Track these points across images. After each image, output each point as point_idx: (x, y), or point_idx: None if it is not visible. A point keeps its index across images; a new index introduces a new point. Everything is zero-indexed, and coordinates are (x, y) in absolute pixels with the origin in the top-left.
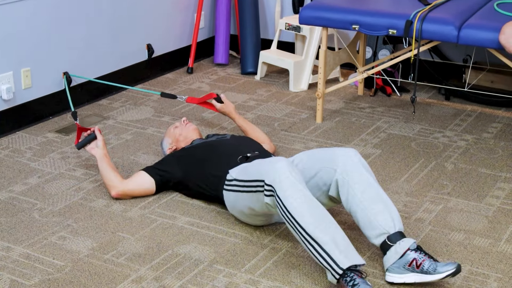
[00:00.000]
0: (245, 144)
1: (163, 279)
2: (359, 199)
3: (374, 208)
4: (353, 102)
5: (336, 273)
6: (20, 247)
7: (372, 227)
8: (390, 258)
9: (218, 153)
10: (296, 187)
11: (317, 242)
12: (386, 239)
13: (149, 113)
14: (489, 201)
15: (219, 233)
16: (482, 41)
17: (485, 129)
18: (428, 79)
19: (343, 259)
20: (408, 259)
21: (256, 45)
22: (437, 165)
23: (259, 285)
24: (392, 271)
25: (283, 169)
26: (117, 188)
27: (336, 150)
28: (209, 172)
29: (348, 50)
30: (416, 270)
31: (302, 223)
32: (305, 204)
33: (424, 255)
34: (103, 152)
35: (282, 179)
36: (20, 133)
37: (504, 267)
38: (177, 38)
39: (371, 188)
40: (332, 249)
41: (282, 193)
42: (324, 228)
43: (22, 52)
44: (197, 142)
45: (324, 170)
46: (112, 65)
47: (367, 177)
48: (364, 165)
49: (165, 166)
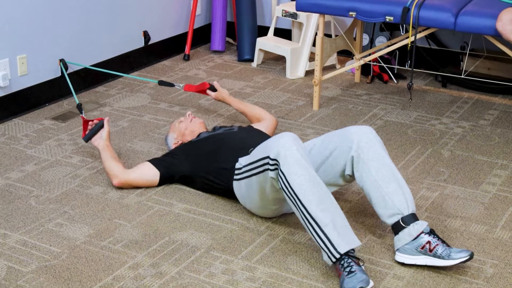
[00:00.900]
0: (253, 137)
1: (160, 266)
2: (374, 177)
3: (388, 187)
4: (350, 89)
5: (333, 256)
6: (17, 234)
7: (386, 206)
8: (402, 239)
9: (227, 146)
10: (301, 163)
11: (317, 222)
12: (399, 220)
13: (146, 100)
14: (486, 188)
15: (216, 220)
16: (479, 28)
17: (482, 116)
18: (425, 66)
19: (341, 242)
20: (421, 242)
21: (253, 32)
22: (434, 152)
23: (255, 271)
24: (403, 251)
25: (288, 143)
26: (118, 177)
27: (351, 128)
28: (219, 165)
29: (345, 37)
30: (429, 253)
31: (304, 201)
32: (309, 183)
33: (438, 239)
34: (106, 143)
35: (287, 154)
36: (16, 120)
37: (500, 253)
38: (174, 25)
39: (386, 167)
40: (331, 231)
41: (286, 168)
42: (325, 207)
43: (18, 39)
44: (205, 135)
45: (339, 149)
46: (108, 52)
47: (382, 155)
48: (380, 142)
49: (172, 159)
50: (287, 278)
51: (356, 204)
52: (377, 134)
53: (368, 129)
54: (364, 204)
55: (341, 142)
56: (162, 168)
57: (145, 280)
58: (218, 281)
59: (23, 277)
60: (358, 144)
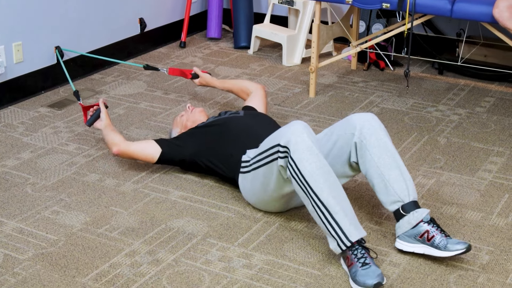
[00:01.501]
0: (260, 123)
1: (156, 253)
2: (376, 163)
3: (390, 174)
4: (346, 77)
5: (343, 244)
6: (13, 221)
7: (387, 193)
8: (402, 226)
9: (233, 131)
10: (312, 150)
11: (328, 209)
12: (400, 208)
13: (142, 88)
14: (482, 175)
15: (212, 207)
16: (475, 15)
17: (478, 103)
18: (422, 53)
19: (353, 230)
20: (420, 231)
21: (249, 19)
22: (430, 139)
23: (252, 258)
24: (403, 239)
25: (299, 130)
26: (118, 146)
27: (353, 115)
28: (225, 151)
29: (341, 24)
30: (427, 242)
31: (316, 188)
32: (320, 170)
33: (437, 228)
34: (106, 122)
35: (298, 141)
36: (12, 107)
37: (495, 240)
38: (170, 12)
39: (388, 153)
40: (342, 219)
41: (297, 155)
42: (336, 195)
43: (14, 26)
44: (210, 119)
45: (342, 137)
46: (104, 39)
47: (384, 141)
48: (382, 128)
49: (177, 140)
50: (283, 265)
51: (353, 191)
52: (380, 120)
53: (370, 116)
54: (360, 191)
55: (344, 130)
56: (165, 147)
57: (141, 268)
58: (214, 268)
59: (19, 265)
60: (361, 131)
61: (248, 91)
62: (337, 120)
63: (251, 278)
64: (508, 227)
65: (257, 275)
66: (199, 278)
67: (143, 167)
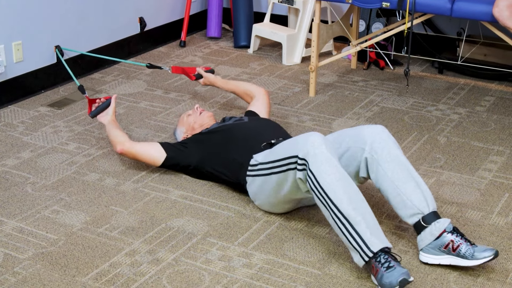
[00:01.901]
0: (265, 128)
1: (156, 253)
2: (390, 178)
3: (406, 187)
4: (346, 76)
5: (366, 255)
6: (13, 221)
7: (405, 207)
8: (424, 239)
9: (238, 137)
10: (331, 162)
11: (349, 221)
12: (420, 220)
13: (142, 87)
14: (482, 174)
15: (213, 207)
16: (475, 14)
17: (478, 102)
18: (422, 53)
19: (374, 240)
20: (444, 242)
21: (249, 18)
22: (430, 138)
23: (252, 258)
24: (427, 251)
25: (318, 142)
26: (124, 145)
27: (364, 128)
28: (229, 156)
29: (341, 23)
30: (452, 253)
31: (335, 200)
32: (339, 181)
33: (461, 238)
34: (111, 118)
35: (316, 152)
36: (12, 107)
37: (495, 239)
38: (170, 11)
39: (402, 166)
40: (364, 230)
41: (316, 167)
42: (356, 206)
43: (13, 26)
44: (215, 126)
45: (351, 150)
46: (104, 39)
47: (396, 154)
48: (393, 141)
49: (183, 147)
50: (283, 265)
51: None
52: (390, 133)
53: (381, 129)
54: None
55: (354, 143)
56: (170, 152)
57: (141, 267)
58: (214, 268)
59: (19, 264)
60: (371, 145)
61: (252, 94)
62: (336, 119)
63: (251, 278)
64: (508, 226)
65: (257, 274)
66: (199, 277)
67: (143, 167)
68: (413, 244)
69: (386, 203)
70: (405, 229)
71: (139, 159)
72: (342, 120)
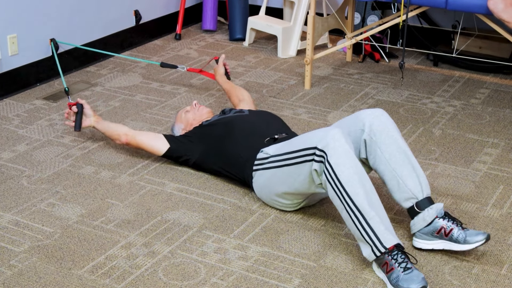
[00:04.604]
0: (267, 122)
1: (152, 245)
2: (387, 161)
3: (403, 171)
4: (342, 68)
5: (378, 250)
6: (9, 214)
7: (400, 190)
8: (417, 224)
9: (241, 132)
10: (349, 156)
11: (363, 215)
12: (414, 205)
13: (137, 80)
14: (476, 166)
15: (208, 199)
16: (470, 7)
17: (473, 95)
18: (417, 45)
19: (388, 235)
20: (436, 227)
21: (244, 11)
22: (425, 131)
23: (248, 250)
24: (420, 237)
25: (338, 135)
26: (128, 135)
27: (363, 111)
28: (233, 152)
29: (336, 16)
30: (445, 237)
31: (351, 193)
32: (357, 175)
33: (452, 222)
34: (94, 118)
35: (336, 145)
36: (7, 100)
37: (490, 231)
38: (165, 4)
39: (399, 150)
40: (378, 225)
41: (334, 159)
42: (372, 202)
43: (8, 19)
44: (215, 118)
45: (351, 134)
46: (99, 32)
47: (395, 137)
48: (392, 124)
49: (187, 141)
50: (279, 257)
51: None
52: (389, 116)
53: (380, 112)
54: None
55: (353, 126)
56: (173, 144)
57: (137, 259)
58: (210, 260)
59: (15, 257)
60: (370, 127)
61: (241, 97)
62: (332, 112)
63: (247, 270)
64: (502, 218)
65: (252, 266)
66: (195, 270)
67: (138, 159)
68: (409, 237)
69: (382, 195)
70: (400, 221)
71: (142, 148)
72: (337, 112)
